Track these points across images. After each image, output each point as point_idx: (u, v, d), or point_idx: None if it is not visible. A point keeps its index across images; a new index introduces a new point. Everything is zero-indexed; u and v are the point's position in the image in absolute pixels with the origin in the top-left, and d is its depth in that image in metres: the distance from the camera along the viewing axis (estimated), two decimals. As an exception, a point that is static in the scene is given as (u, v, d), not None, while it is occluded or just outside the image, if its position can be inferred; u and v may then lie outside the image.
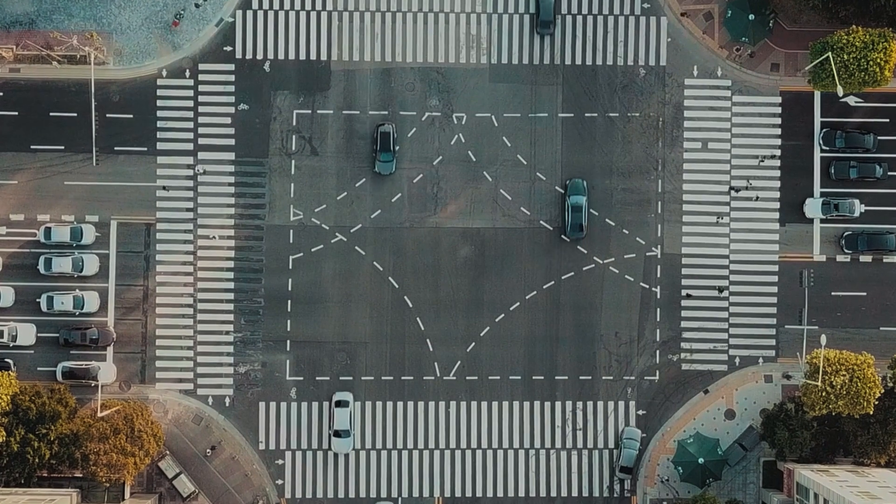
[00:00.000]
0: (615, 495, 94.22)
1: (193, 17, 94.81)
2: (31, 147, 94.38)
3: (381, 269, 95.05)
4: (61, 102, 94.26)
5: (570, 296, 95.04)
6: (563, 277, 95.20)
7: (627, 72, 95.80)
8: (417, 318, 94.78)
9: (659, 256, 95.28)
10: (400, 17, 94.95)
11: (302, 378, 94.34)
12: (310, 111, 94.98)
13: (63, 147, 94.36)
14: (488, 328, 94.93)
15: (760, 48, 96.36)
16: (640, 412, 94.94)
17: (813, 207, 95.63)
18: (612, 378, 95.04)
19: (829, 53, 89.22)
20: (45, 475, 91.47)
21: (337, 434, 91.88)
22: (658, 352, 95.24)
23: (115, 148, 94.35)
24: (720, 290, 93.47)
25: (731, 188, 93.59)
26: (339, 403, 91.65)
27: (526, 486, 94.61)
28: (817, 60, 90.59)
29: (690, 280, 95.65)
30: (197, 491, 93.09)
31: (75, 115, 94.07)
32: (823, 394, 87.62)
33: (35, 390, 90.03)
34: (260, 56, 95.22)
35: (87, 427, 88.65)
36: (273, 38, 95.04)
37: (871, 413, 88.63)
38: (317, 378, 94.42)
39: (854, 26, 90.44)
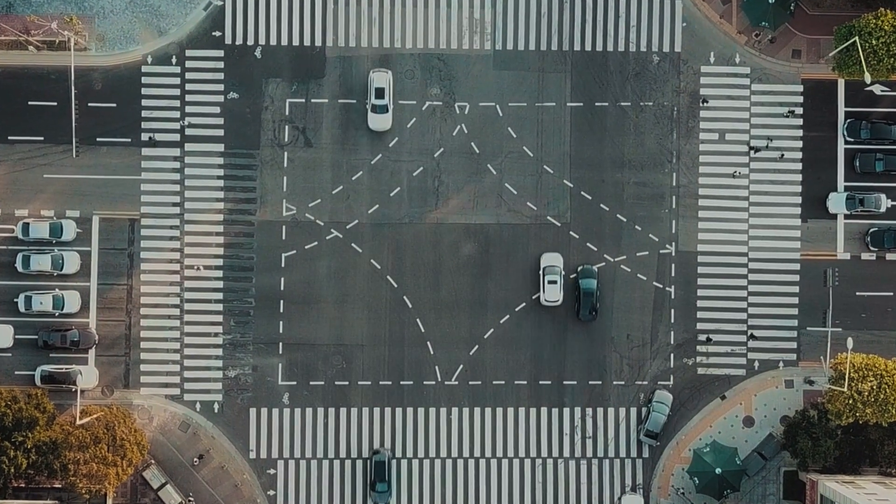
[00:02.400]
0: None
1: (180, 0, 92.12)
2: (9, 138, 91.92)
3: (379, 267, 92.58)
4: (40, 91, 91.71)
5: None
6: (571, 276, 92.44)
7: (640, 58, 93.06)
8: (417, 320, 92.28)
9: (673, 254, 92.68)
10: (399, 0, 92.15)
11: (295, 383, 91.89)
12: (303, 100, 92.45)
13: (42, 138, 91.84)
14: (492, 330, 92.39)
15: (781, 33, 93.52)
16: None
17: (836, 202, 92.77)
18: (623, 383, 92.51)
19: (856, 38, 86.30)
20: (23, 486, 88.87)
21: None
22: (672, 355, 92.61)
23: (98, 139, 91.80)
24: (708, 339, 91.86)
25: (751, 147, 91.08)
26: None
27: (532, 497, 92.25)
28: (842, 46, 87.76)
29: (707, 279, 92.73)
30: (184, 502, 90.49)
31: (55, 104, 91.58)
32: (850, 401, 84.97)
33: (12, 395, 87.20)
34: (251, 41, 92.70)
35: (66, 435, 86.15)
36: (265, 22, 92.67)
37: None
38: (311, 383, 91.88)
39: (882, 9, 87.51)
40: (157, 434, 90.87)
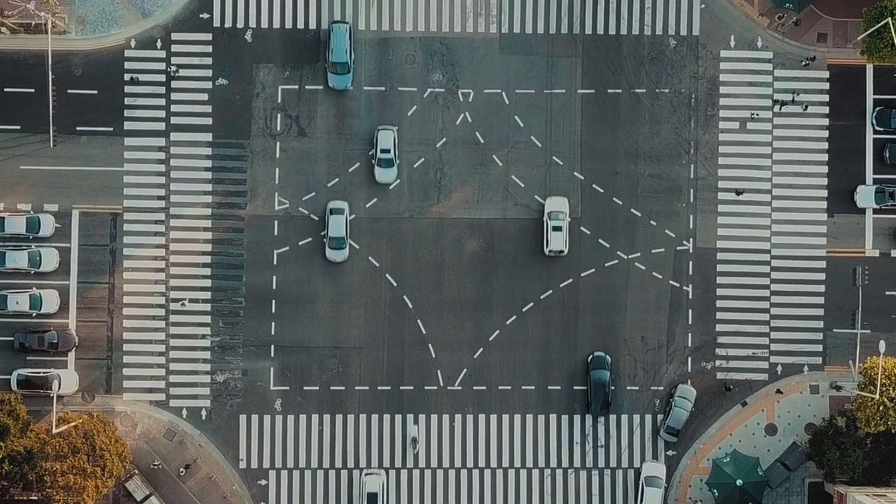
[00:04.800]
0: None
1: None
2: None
3: (378, 265, 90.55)
4: (16, 76, 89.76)
5: (591, 295, 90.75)
6: (582, 275, 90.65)
7: (656, 42, 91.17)
8: (418, 321, 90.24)
9: (691, 251, 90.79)
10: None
11: (288, 388, 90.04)
12: (297, 87, 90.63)
13: (19, 127, 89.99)
14: (498, 332, 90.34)
15: (806, 16, 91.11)
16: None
17: (865, 196, 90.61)
18: (637, 388, 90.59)
19: (888, 20, 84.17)
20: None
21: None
22: (690, 359, 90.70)
23: (77, 128, 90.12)
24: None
25: (776, 101, 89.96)
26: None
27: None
28: (872, 28, 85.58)
29: (727, 278, 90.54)
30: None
31: (32, 90, 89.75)
32: (881, 408, 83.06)
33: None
34: (240, 24, 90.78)
35: (41, 444, 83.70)
36: (255, 3, 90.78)
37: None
38: (304, 388, 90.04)
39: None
40: (140, 442, 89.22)
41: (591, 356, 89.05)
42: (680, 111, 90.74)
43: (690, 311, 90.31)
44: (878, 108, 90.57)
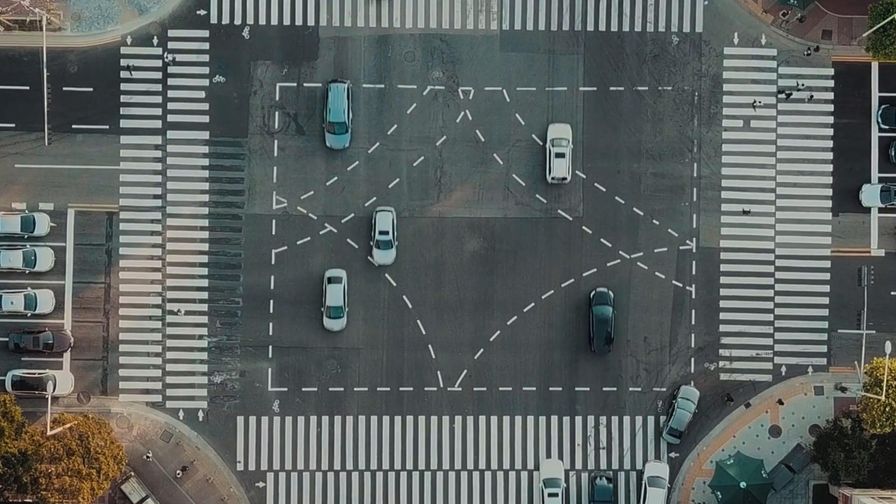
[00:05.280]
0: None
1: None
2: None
3: (377, 264, 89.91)
4: (11, 74, 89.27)
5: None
6: (584, 274, 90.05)
7: (658, 39, 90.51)
8: (418, 321, 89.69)
9: (694, 250, 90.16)
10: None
11: (286, 389, 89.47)
12: (295, 84, 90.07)
13: (14, 125, 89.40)
14: (499, 332, 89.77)
15: (810, 12, 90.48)
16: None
17: (870, 195, 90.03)
18: (640, 390, 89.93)
19: (894, 16, 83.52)
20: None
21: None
22: (693, 360, 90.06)
23: (73, 126, 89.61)
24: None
25: (780, 90, 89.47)
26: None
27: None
28: (878, 25, 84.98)
29: (730, 278, 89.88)
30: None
31: (27, 88, 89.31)
32: (887, 409, 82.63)
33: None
34: (238, 21, 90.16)
35: (36, 446, 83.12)
36: (253, 0, 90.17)
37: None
38: (303, 389, 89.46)
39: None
40: (137, 444, 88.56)
41: (593, 292, 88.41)
42: (683, 109, 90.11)
43: (693, 311, 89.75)
44: (883, 106, 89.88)
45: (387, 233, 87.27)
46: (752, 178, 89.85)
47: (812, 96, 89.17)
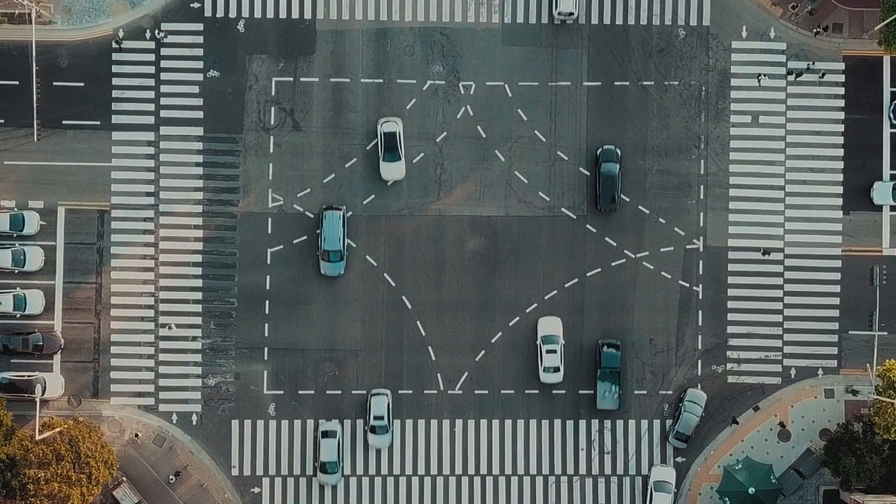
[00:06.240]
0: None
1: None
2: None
3: (376, 264, 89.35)
4: (1, 68, 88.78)
5: (597, 296, 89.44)
6: (588, 274, 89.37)
7: (665, 33, 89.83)
8: (417, 322, 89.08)
9: (701, 250, 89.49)
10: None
11: (282, 392, 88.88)
12: (291, 79, 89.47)
13: (2, 121, 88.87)
14: (500, 334, 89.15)
15: (821, 5, 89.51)
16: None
17: (882, 192, 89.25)
18: (645, 392, 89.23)
19: None
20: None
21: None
22: (700, 362, 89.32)
23: (63, 122, 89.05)
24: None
25: (789, 71, 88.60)
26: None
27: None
28: (891, 18, 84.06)
29: (738, 277, 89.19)
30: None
31: (16, 83, 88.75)
32: None
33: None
34: (233, 14, 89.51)
35: (24, 451, 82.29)
36: None
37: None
38: (299, 392, 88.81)
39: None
40: (129, 448, 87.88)
41: (599, 149, 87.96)
42: (690, 104, 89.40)
43: (701, 312, 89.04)
44: (895, 102, 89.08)
45: (382, 417, 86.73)
46: (760, 175, 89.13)
47: (824, 74, 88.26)
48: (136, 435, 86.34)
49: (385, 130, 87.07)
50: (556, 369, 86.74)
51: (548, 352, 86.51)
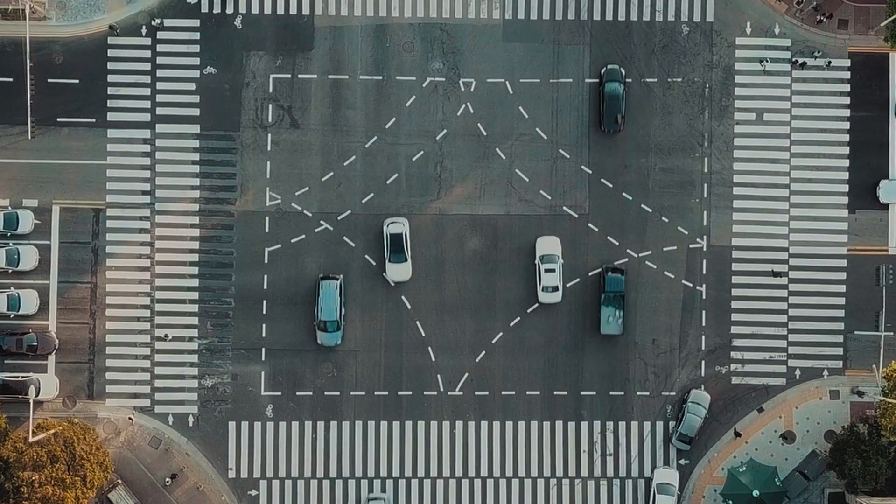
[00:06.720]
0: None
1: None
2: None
3: (375, 263, 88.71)
4: None
5: (599, 296, 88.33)
6: (590, 274, 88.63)
7: (668, 29, 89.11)
8: (417, 322, 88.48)
9: (705, 249, 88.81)
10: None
11: (279, 393, 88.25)
12: (289, 75, 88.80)
13: None
14: (501, 334, 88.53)
15: (826, 1, 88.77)
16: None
17: (888, 191, 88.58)
18: (648, 394, 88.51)
19: None
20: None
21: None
22: (703, 363, 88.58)
23: (58, 119, 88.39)
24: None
25: (795, 60, 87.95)
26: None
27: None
28: None
29: (742, 277, 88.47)
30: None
31: (10, 80, 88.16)
32: None
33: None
34: (230, 10, 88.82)
35: (18, 453, 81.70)
36: None
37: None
38: (297, 393, 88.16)
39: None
40: (124, 450, 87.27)
41: (604, 69, 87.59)
42: (693, 101, 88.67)
43: (704, 312, 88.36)
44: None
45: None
46: (764, 173, 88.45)
47: (830, 62, 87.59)
48: (130, 417, 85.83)
49: (391, 232, 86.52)
50: (555, 289, 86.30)
51: (546, 271, 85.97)
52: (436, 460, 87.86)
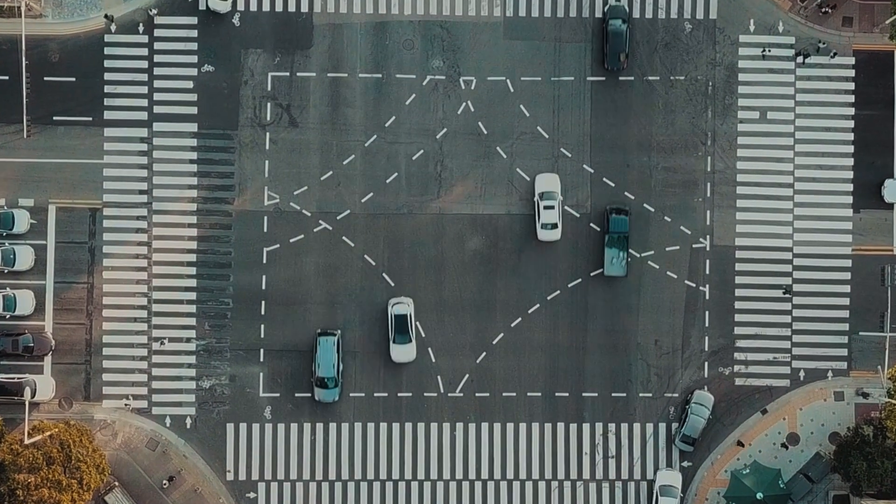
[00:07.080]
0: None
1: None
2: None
3: (374, 263, 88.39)
4: None
5: (601, 296, 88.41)
6: (591, 274, 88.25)
7: (670, 27, 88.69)
8: (417, 323, 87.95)
9: (708, 249, 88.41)
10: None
11: (278, 395, 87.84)
12: (288, 73, 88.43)
13: None
14: (502, 335, 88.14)
15: None
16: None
17: (893, 190, 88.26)
18: (650, 395, 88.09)
19: None
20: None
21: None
22: (707, 364, 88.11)
23: (54, 118, 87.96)
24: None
25: (798, 53, 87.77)
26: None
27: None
28: None
29: (746, 277, 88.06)
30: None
31: (6, 77, 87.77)
32: None
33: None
34: (228, 7, 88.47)
35: (14, 455, 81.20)
36: None
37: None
38: (296, 395, 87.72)
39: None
40: (121, 452, 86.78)
41: (607, 6, 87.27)
42: (696, 100, 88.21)
43: (707, 312, 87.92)
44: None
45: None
46: (768, 172, 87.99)
47: (835, 53, 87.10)
48: (126, 404, 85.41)
49: (396, 313, 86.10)
50: (554, 226, 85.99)
51: (545, 208, 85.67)
52: (436, 462, 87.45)
